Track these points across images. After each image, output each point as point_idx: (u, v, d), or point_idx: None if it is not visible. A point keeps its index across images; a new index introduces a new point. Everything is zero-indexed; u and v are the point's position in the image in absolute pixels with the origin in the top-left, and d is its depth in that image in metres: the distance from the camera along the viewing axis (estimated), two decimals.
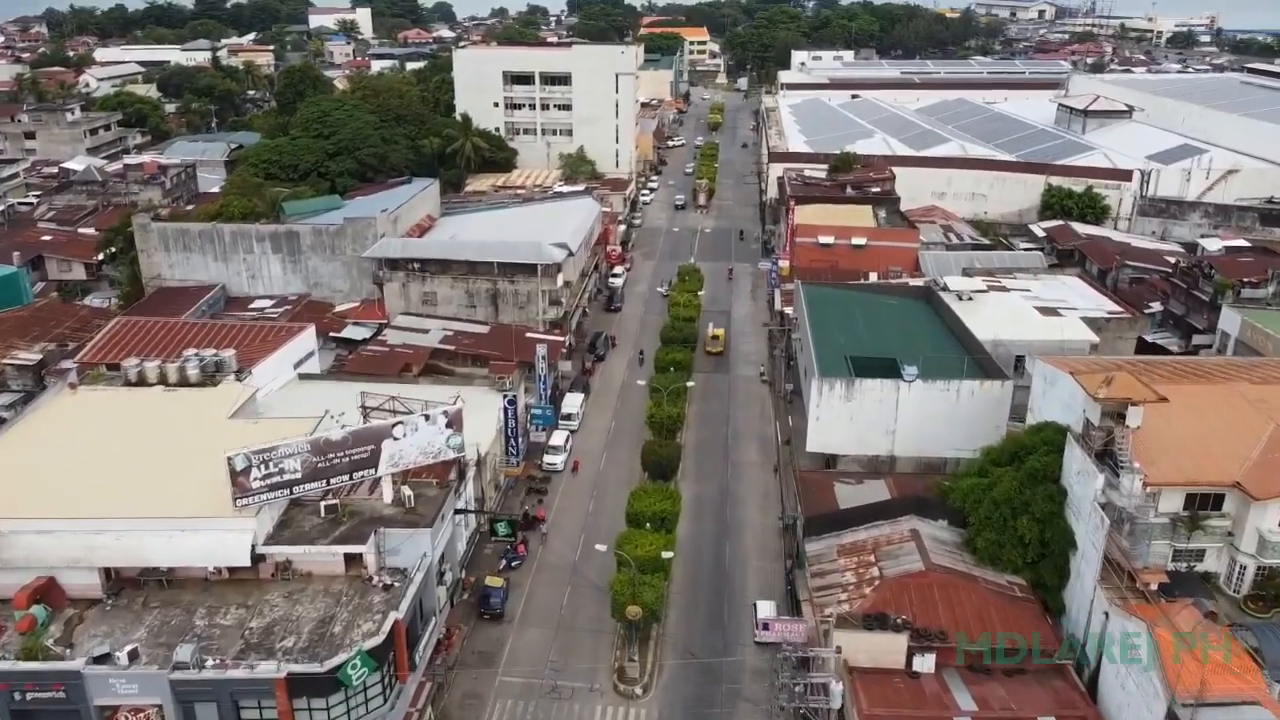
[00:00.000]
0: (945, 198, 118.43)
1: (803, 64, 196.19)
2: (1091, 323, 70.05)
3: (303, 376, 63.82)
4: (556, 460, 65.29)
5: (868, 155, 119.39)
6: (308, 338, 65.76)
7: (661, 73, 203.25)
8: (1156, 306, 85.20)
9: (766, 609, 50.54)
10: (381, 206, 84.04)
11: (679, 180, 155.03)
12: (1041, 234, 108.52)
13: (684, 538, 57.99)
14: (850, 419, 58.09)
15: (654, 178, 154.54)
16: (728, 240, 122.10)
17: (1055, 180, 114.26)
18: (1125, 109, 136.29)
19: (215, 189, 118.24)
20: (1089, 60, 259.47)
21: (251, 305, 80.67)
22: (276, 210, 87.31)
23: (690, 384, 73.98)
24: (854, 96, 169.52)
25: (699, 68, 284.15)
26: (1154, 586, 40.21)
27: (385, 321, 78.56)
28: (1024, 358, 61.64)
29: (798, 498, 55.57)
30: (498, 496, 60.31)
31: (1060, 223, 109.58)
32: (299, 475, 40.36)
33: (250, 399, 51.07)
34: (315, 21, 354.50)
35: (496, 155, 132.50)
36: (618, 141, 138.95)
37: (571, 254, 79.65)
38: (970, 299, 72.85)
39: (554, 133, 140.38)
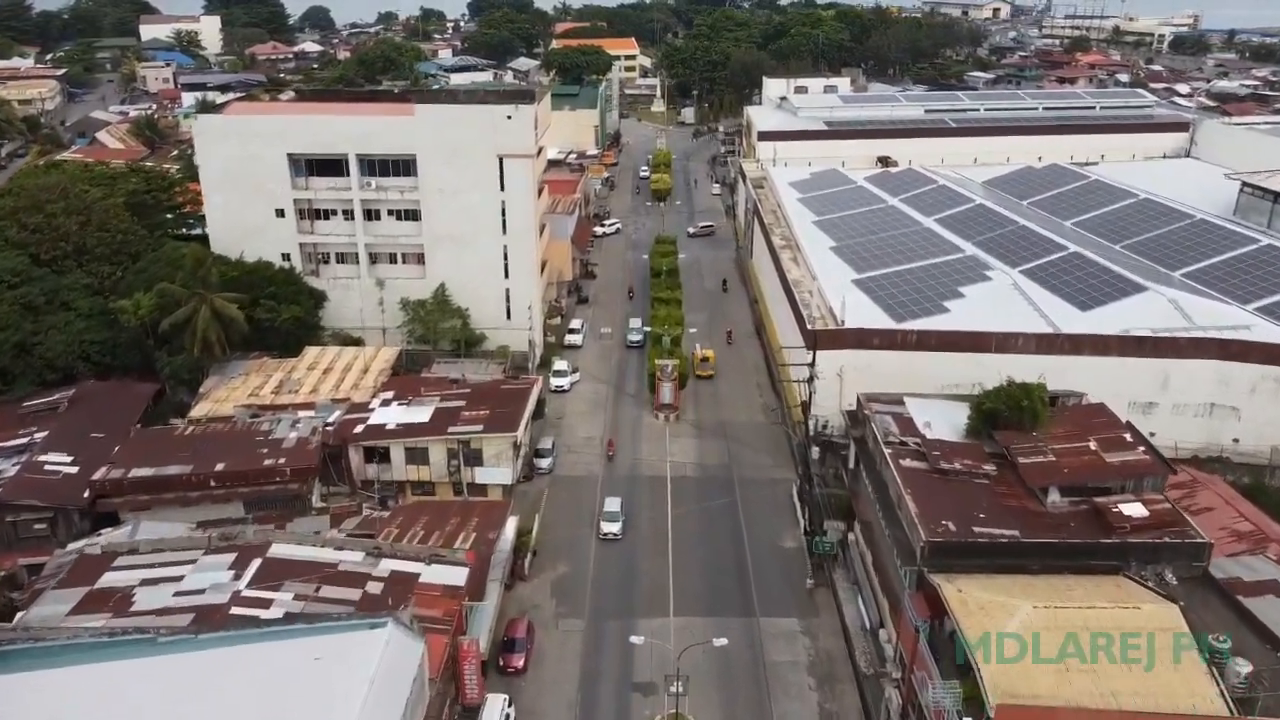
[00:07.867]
0: (1155, 412, 59.83)
1: (783, 99, 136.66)
2: None
3: None
4: None
5: (1002, 334, 59.86)
6: None
7: (582, 113, 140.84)
8: None
9: None
10: None
11: (617, 311, 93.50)
12: None
13: None
14: None
15: (578, 311, 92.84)
16: (732, 528, 59.65)
17: None
18: None
19: None
20: (1121, 78, 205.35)
21: None
22: None
23: None
24: (882, 161, 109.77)
25: (628, 90, 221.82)
26: None
27: None
28: None
29: None
30: None
31: None
32: None
33: None
34: (149, 33, 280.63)
35: (276, 319, 69.55)
36: (507, 275, 77.04)
37: None
38: None
39: (392, 260, 77.96)
